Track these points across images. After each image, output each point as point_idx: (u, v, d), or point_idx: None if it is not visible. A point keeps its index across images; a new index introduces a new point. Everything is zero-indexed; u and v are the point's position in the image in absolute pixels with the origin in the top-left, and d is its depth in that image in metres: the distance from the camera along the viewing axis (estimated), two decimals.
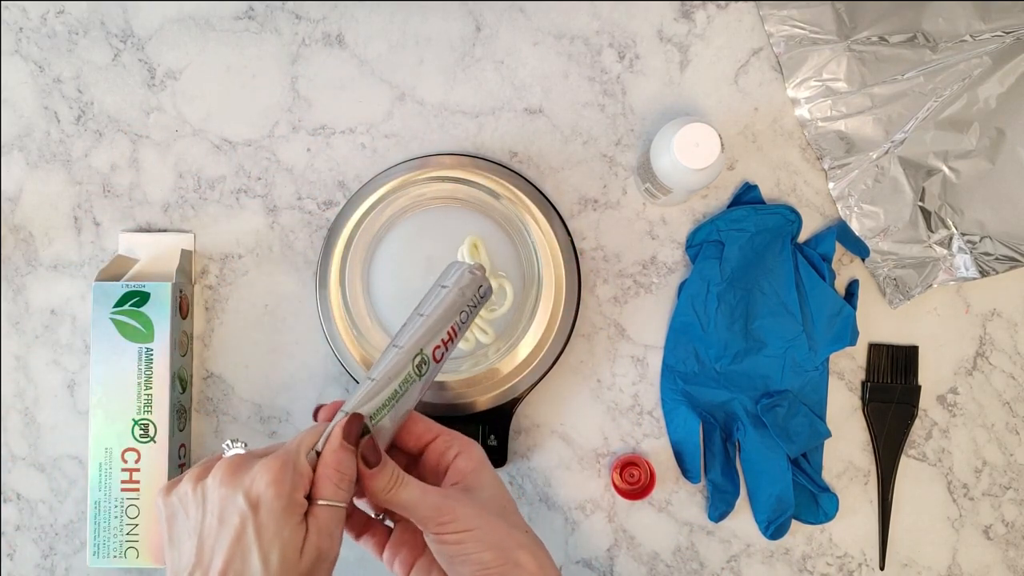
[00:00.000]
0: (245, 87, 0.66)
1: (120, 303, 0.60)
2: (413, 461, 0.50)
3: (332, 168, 0.66)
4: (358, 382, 0.62)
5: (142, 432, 0.60)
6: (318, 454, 0.45)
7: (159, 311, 0.60)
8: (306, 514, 0.43)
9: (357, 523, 0.50)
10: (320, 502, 0.43)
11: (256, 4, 0.66)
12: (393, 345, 0.49)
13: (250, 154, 0.66)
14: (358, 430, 0.45)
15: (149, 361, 0.60)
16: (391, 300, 0.63)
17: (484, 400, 0.61)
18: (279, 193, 0.66)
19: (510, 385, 0.61)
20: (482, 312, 0.61)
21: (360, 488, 0.46)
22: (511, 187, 0.62)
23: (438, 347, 0.49)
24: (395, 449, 0.50)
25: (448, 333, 0.50)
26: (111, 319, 0.60)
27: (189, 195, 0.66)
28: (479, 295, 0.52)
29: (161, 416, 0.60)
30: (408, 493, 0.45)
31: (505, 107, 0.66)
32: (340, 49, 0.66)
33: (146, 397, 0.60)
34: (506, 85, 0.66)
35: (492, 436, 0.62)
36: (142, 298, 0.61)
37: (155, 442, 0.60)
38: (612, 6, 0.66)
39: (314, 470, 0.44)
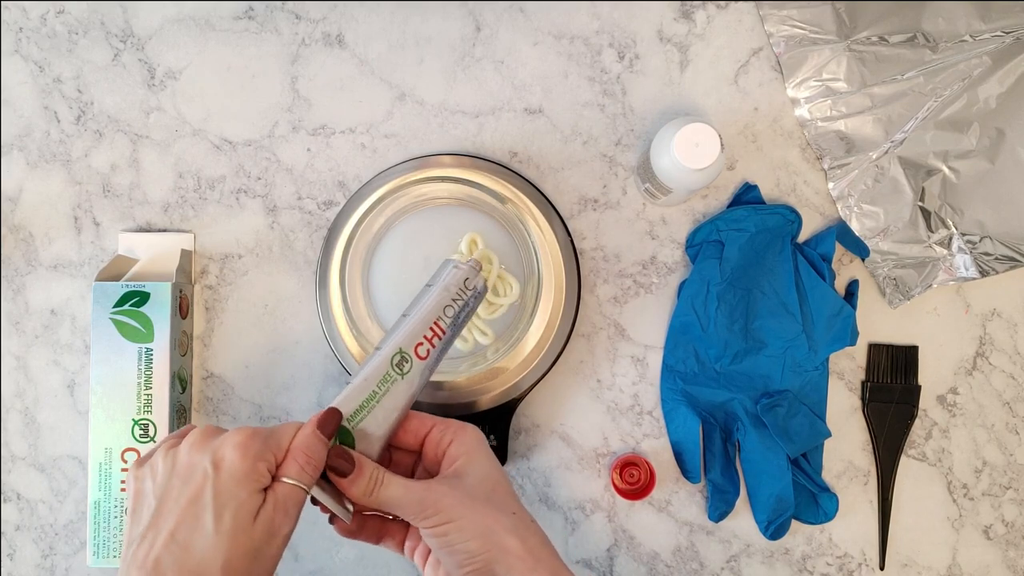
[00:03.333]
0: (245, 87, 0.66)
1: (120, 303, 0.60)
2: (417, 458, 0.51)
3: (332, 168, 0.66)
4: None
5: (142, 432, 0.60)
6: None
7: (159, 311, 0.60)
8: (268, 489, 0.43)
9: (374, 528, 0.50)
10: (284, 479, 0.44)
11: (256, 4, 0.66)
12: (375, 348, 0.49)
13: (250, 154, 0.66)
14: (334, 422, 0.46)
15: (149, 361, 0.60)
16: (391, 300, 0.63)
17: (484, 400, 0.61)
18: (279, 193, 0.66)
19: (510, 385, 0.61)
20: (482, 312, 0.61)
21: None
22: (511, 187, 0.62)
23: (421, 344, 0.49)
24: (398, 449, 0.50)
25: (432, 330, 0.49)
26: (111, 319, 0.60)
27: (189, 195, 0.66)
28: (466, 287, 0.51)
29: (161, 416, 0.60)
30: (389, 492, 0.45)
31: (505, 107, 0.66)
32: (340, 49, 0.66)
33: (146, 397, 0.60)
34: (506, 85, 0.66)
35: (492, 436, 0.62)
36: (142, 298, 0.61)
37: (155, 442, 0.60)
38: (612, 6, 0.66)
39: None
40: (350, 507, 0.47)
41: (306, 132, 0.66)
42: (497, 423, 0.62)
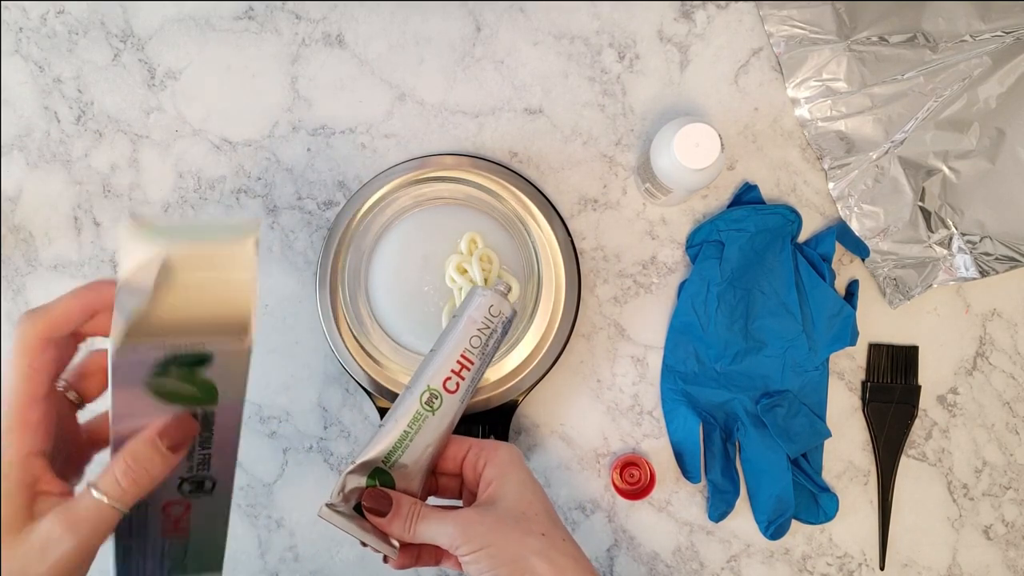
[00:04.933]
0: (245, 87, 0.66)
1: (163, 370, 0.38)
2: (461, 480, 0.51)
3: (332, 168, 0.66)
4: (358, 382, 0.62)
5: None
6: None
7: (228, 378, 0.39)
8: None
9: (431, 553, 0.50)
10: (92, 491, 0.37)
11: (256, 4, 0.66)
12: (405, 387, 0.50)
13: (250, 154, 0.66)
14: (184, 433, 0.39)
15: None
16: (391, 300, 0.63)
17: (484, 400, 0.61)
18: (279, 193, 0.66)
19: (510, 385, 0.61)
20: None
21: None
22: (511, 187, 0.62)
23: (449, 378, 0.49)
24: (443, 475, 0.51)
25: (459, 362, 0.49)
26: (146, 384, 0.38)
27: (189, 195, 0.66)
28: (491, 315, 0.51)
29: None
30: (425, 526, 0.46)
31: (505, 107, 0.66)
32: (340, 49, 0.66)
33: None
34: (506, 85, 0.66)
35: (492, 436, 0.62)
36: (201, 360, 0.38)
37: None
38: (612, 6, 0.66)
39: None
40: (396, 544, 0.47)
41: (306, 132, 0.66)
42: (497, 423, 0.62)
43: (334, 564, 0.65)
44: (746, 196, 0.65)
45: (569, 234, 0.63)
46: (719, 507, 0.63)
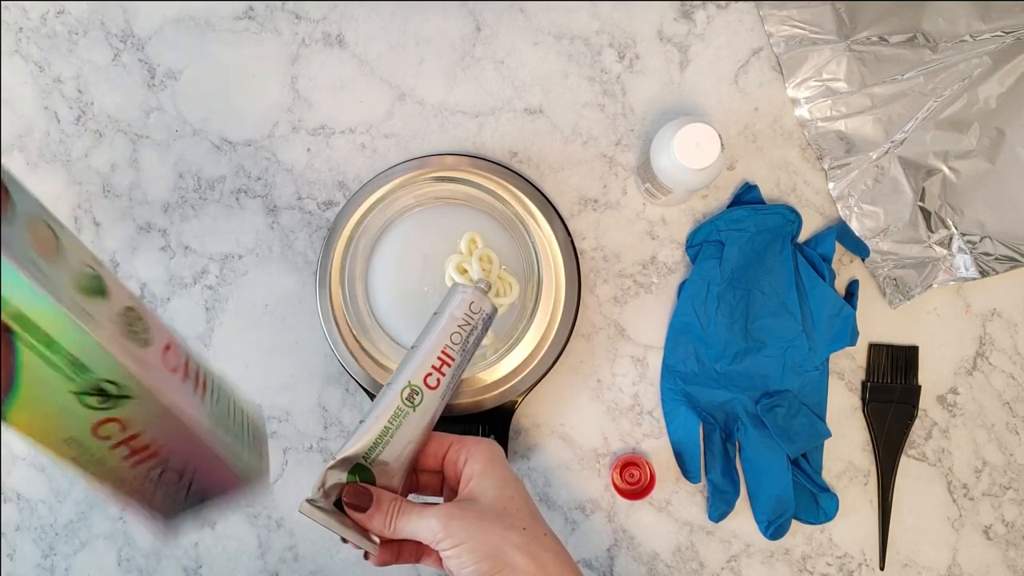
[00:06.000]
0: (245, 87, 0.66)
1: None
2: (442, 477, 0.51)
3: (332, 168, 0.66)
4: (358, 382, 0.62)
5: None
6: None
7: None
8: None
9: (411, 551, 0.50)
10: None
11: (256, 4, 0.66)
12: (386, 383, 0.50)
13: (250, 154, 0.66)
14: None
15: None
16: (391, 300, 0.63)
17: (484, 400, 0.61)
18: (279, 193, 0.66)
19: (510, 385, 0.61)
20: None
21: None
22: (511, 187, 0.62)
23: (430, 374, 0.49)
24: (424, 472, 0.51)
25: (440, 358, 0.50)
26: None
27: (189, 195, 0.66)
28: (472, 312, 0.51)
29: None
30: (406, 522, 0.46)
31: (505, 107, 0.66)
32: (340, 49, 0.66)
33: None
34: (506, 85, 0.66)
35: (492, 436, 0.62)
36: None
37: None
38: (612, 6, 0.66)
39: None
40: (376, 539, 0.47)
41: (306, 132, 0.66)
42: (497, 423, 0.62)
43: (334, 564, 0.65)
44: (746, 196, 0.65)
45: (569, 234, 0.63)
46: (719, 507, 0.63)
